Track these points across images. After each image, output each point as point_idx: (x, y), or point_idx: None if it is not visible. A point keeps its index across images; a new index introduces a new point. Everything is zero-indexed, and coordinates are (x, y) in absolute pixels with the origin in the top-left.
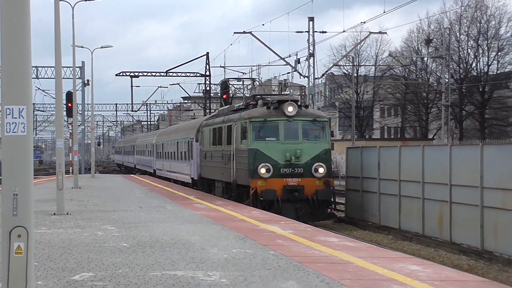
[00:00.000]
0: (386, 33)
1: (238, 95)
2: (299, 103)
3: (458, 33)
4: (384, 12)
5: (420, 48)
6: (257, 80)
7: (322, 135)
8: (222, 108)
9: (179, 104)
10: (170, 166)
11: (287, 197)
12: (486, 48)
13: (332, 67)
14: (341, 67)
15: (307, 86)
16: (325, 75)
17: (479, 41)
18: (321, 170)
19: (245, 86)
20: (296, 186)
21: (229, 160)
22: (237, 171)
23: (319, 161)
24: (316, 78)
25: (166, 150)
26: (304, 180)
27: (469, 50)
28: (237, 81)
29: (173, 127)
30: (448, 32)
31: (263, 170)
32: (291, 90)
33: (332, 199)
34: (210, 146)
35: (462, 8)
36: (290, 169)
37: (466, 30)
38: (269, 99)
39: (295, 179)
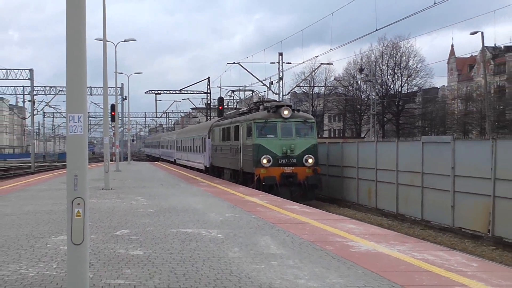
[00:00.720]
0: (332, 64)
1: (230, 105)
2: (292, 108)
3: (381, 64)
4: (330, 49)
5: (355, 75)
6: (256, 92)
7: (311, 133)
8: (229, 112)
9: (189, 113)
10: (187, 156)
11: (284, 182)
12: (400, 75)
13: (295, 87)
14: (301, 87)
15: (277, 101)
16: (290, 92)
17: (395, 70)
18: (310, 160)
19: (235, 99)
20: (291, 173)
21: (236, 152)
22: (243, 161)
23: (309, 153)
24: (284, 95)
25: (184, 144)
26: (297, 168)
27: (388, 76)
28: (243, 92)
29: (188, 128)
30: (374, 63)
31: (264, 161)
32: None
33: (319, 184)
34: (220, 142)
35: (383, 47)
36: (286, 159)
37: (386, 62)
38: (268, 104)
39: (290, 167)
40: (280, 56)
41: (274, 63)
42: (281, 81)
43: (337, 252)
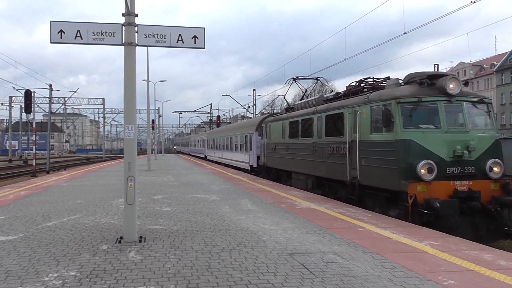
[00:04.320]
0: (284, 96)
1: (225, 121)
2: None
3: (314, 95)
4: (283, 86)
5: (296, 101)
6: (320, 79)
7: (490, 121)
8: (298, 102)
9: (199, 124)
10: (222, 154)
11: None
12: None
13: (263, 109)
14: (266, 110)
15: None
16: (260, 112)
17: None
18: (496, 169)
19: (236, 114)
20: (469, 191)
21: (331, 153)
22: (364, 169)
23: (494, 157)
24: (256, 114)
25: (217, 143)
26: (477, 182)
27: None
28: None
29: (221, 128)
30: (310, 95)
31: (423, 170)
32: (244, 119)
33: None
34: (283, 139)
35: (316, 85)
36: (459, 167)
37: (317, 94)
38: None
39: (464, 181)
40: (254, 91)
41: (250, 95)
42: (254, 106)
43: (288, 208)
